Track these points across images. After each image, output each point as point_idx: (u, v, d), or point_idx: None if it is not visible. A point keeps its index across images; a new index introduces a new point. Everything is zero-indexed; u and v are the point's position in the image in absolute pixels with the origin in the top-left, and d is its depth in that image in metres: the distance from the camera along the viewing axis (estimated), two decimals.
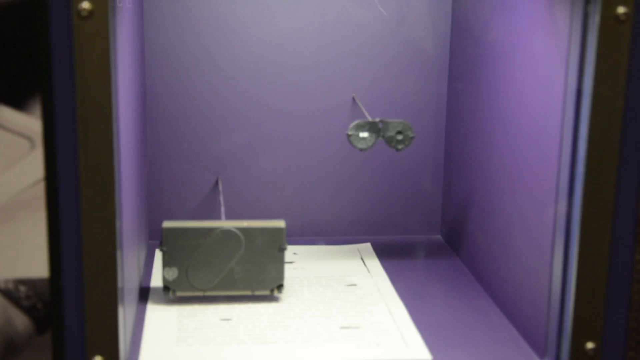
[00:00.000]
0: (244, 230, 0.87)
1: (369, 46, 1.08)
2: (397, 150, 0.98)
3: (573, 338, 0.72)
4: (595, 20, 0.67)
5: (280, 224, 0.88)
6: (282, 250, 0.88)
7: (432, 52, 1.09)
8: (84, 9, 0.63)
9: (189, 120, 1.08)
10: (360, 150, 0.98)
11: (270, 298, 0.90)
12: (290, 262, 1.02)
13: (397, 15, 1.08)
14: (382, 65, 1.09)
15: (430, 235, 1.15)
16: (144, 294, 0.91)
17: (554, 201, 0.75)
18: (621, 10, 0.66)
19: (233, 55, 1.07)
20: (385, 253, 1.07)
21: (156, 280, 0.94)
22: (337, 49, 1.08)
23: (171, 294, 0.88)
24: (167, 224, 0.87)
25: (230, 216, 1.04)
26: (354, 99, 1.08)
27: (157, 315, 0.86)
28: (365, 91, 1.09)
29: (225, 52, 1.07)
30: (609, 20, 0.67)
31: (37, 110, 0.65)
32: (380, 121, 0.97)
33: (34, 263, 0.68)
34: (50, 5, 0.64)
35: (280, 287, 0.89)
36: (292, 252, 1.05)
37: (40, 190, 0.66)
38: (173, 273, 0.87)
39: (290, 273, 0.97)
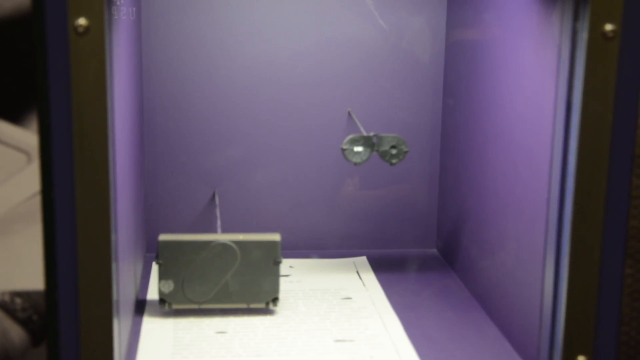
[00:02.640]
0: (239, 243, 0.88)
1: (364, 61, 1.09)
2: (391, 164, 0.99)
3: (564, 351, 0.73)
4: (583, 37, 0.68)
5: (276, 237, 0.89)
6: (277, 263, 0.89)
7: (427, 67, 1.10)
8: (81, 25, 0.64)
9: (186, 135, 1.08)
10: (355, 164, 0.99)
11: (266, 311, 0.91)
12: (286, 276, 1.02)
13: (392, 31, 1.09)
14: (377, 80, 1.10)
15: (426, 249, 1.15)
16: (141, 307, 0.92)
17: (545, 215, 0.75)
18: (609, 27, 0.67)
19: (230, 71, 1.08)
20: (381, 267, 1.07)
21: (152, 293, 0.95)
22: (332, 64, 1.09)
23: (167, 306, 0.88)
24: (163, 237, 0.88)
25: (226, 229, 1.04)
26: (349, 114, 1.09)
27: (153, 328, 0.86)
28: (361, 106, 1.10)
29: (222, 67, 1.08)
30: (597, 37, 0.68)
31: (33, 124, 0.66)
32: (375, 136, 0.98)
33: (30, 275, 0.68)
34: (47, 21, 0.64)
35: (275, 300, 0.89)
36: (288, 266, 1.06)
37: (36, 203, 0.67)
38: (169, 286, 0.88)
39: (285, 286, 0.98)
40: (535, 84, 0.78)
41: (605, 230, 0.71)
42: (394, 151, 0.98)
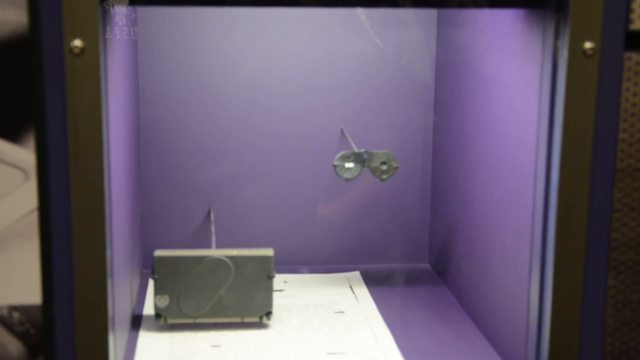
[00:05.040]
0: (233, 258, 0.89)
1: (356, 79, 1.11)
2: (382, 180, 1.00)
3: None
4: (564, 54, 0.70)
5: (269, 252, 0.91)
6: (270, 277, 0.90)
7: (417, 85, 1.12)
8: (76, 47, 0.66)
9: (181, 153, 1.10)
10: (346, 180, 1.00)
11: (259, 325, 0.92)
12: (280, 290, 1.04)
13: (383, 49, 1.11)
14: (369, 97, 1.12)
15: (419, 264, 1.17)
16: (137, 322, 0.93)
17: (531, 229, 0.77)
18: (588, 45, 0.69)
19: (224, 89, 1.10)
20: (373, 281, 1.09)
21: (149, 308, 0.96)
22: (324, 82, 1.11)
23: (162, 321, 0.90)
24: (158, 252, 0.89)
25: (220, 244, 1.06)
26: (342, 131, 1.11)
27: (149, 342, 0.88)
28: (353, 123, 1.12)
29: (217, 86, 1.09)
30: (576, 55, 0.70)
31: (31, 142, 0.67)
32: (365, 152, 1.00)
33: (27, 290, 0.70)
34: (44, 43, 0.66)
35: (269, 314, 0.91)
36: (282, 281, 1.07)
37: (33, 219, 0.68)
38: (164, 301, 0.89)
39: (279, 301, 1.00)
40: (520, 101, 0.80)
41: (588, 243, 0.73)
42: (384, 167, 1.00)
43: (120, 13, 0.84)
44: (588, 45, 0.69)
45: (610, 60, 0.70)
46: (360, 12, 1.09)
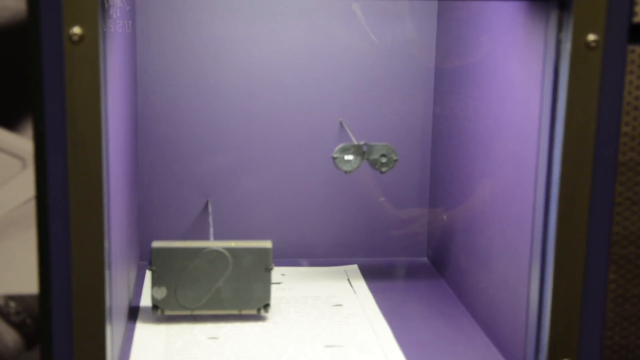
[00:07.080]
0: (231, 250, 0.89)
1: (355, 71, 1.11)
2: (381, 172, 1.00)
3: (549, 355, 0.74)
4: (567, 47, 0.70)
5: (267, 244, 0.90)
6: (268, 270, 0.90)
7: (417, 78, 1.12)
8: (75, 34, 0.66)
9: (179, 144, 1.10)
10: (345, 172, 1.00)
11: (257, 317, 0.92)
12: (278, 283, 1.03)
13: (383, 41, 1.11)
14: (369, 89, 1.11)
15: (417, 258, 1.17)
16: (134, 313, 0.93)
17: (531, 222, 0.77)
18: (591, 37, 0.69)
19: (223, 81, 1.09)
20: (371, 275, 1.08)
21: (146, 300, 0.96)
22: (324, 74, 1.10)
23: (160, 312, 0.89)
24: (156, 244, 0.89)
25: (218, 236, 1.05)
26: (341, 124, 1.11)
27: (146, 333, 0.87)
28: (352, 115, 1.12)
29: (215, 78, 1.09)
30: (580, 47, 0.69)
31: (29, 131, 0.67)
32: (365, 144, 1.00)
33: (24, 279, 0.69)
34: (43, 30, 0.66)
35: (266, 306, 0.91)
36: (280, 274, 1.07)
37: (31, 208, 0.68)
38: (162, 292, 0.89)
39: (277, 293, 0.99)
40: (522, 93, 0.80)
41: (589, 237, 0.72)
42: (384, 159, 1.00)
43: (115, 5, 0.83)
44: (591, 37, 0.69)
45: (614, 53, 0.70)
46: (356, 8, 1.09)
